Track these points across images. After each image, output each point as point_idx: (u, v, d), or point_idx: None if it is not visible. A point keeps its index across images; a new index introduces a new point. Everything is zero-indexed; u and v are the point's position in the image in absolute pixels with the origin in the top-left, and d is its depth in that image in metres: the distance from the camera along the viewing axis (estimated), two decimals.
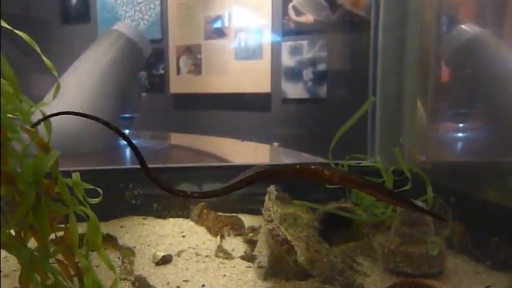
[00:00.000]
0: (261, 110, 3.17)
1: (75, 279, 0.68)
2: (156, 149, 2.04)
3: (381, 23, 1.21)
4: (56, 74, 0.77)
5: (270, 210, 0.88)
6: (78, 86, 1.82)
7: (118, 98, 1.83)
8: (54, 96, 0.76)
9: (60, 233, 0.68)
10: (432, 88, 1.15)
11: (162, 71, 3.36)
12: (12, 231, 0.66)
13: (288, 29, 3.09)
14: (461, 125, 1.25)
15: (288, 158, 2.22)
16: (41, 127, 0.64)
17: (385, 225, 1.02)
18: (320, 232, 0.93)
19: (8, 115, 0.65)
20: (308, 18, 3.07)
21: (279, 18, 3.12)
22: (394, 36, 1.20)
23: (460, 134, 1.28)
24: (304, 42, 3.07)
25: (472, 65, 1.21)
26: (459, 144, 1.34)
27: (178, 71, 3.27)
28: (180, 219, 1.19)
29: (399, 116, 1.19)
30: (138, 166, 0.80)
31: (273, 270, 0.87)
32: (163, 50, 3.44)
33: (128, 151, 2.04)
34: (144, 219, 1.18)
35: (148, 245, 1.01)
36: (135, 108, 2.14)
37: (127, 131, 2.11)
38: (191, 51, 3.30)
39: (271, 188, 0.95)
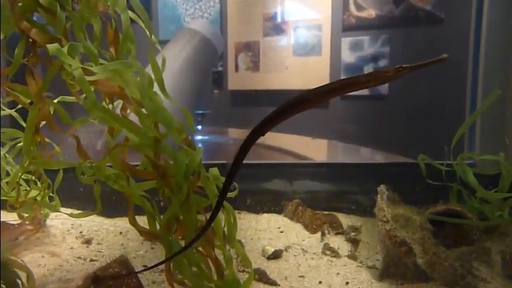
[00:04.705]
0: (320, 107, 3.15)
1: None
2: (229, 144, 2.08)
3: (485, 18, 1.15)
4: (159, 48, 0.80)
5: (384, 211, 0.87)
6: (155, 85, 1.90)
7: (193, 95, 1.89)
8: (162, 69, 0.78)
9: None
10: None
11: (220, 68, 3.42)
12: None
13: (348, 25, 3.04)
14: None
15: (349, 154, 2.19)
16: None
17: (499, 230, 0.97)
18: (432, 234, 0.91)
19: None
20: (370, 12, 2.99)
21: (339, 14, 3.07)
22: (500, 30, 1.13)
23: None
24: (366, 38, 2.99)
25: None
26: None
27: (237, 68, 3.31)
28: (274, 214, 1.21)
29: (505, 114, 1.13)
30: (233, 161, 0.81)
31: (388, 271, 0.86)
32: (223, 47, 3.49)
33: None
34: (238, 213, 1.21)
35: (251, 239, 1.04)
36: (207, 104, 2.19)
37: (199, 127, 2.17)
38: (249, 48, 3.33)
39: (382, 188, 0.93)
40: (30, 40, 0.63)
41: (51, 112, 0.67)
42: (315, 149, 2.33)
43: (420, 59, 0.57)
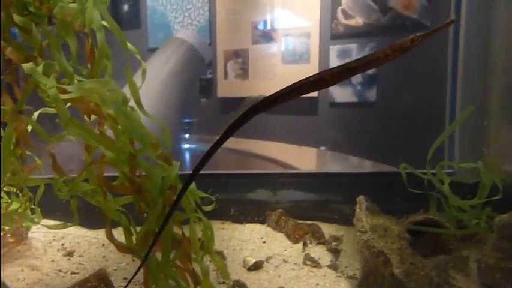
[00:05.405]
0: (308, 114, 3.17)
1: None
2: (218, 152, 2.09)
3: (463, 29, 1.18)
4: (139, 58, 0.81)
5: (362, 221, 0.88)
6: (142, 94, 1.91)
7: (180, 104, 1.90)
8: (143, 80, 0.79)
9: None
10: None
11: (209, 76, 3.42)
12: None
13: (336, 33, 3.08)
14: None
15: (337, 162, 2.21)
16: None
17: (476, 238, 0.99)
18: (410, 244, 0.92)
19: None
20: (357, 21, 3.03)
21: (327, 22, 3.11)
22: (478, 41, 1.16)
23: None
24: (353, 46, 3.04)
25: None
26: None
27: (226, 75, 3.32)
28: (257, 224, 1.22)
29: (483, 124, 1.16)
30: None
31: (366, 281, 0.87)
32: (212, 55, 3.50)
33: (187, 156, 2.10)
34: (222, 223, 1.22)
35: (233, 250, 1.04)
36: (194, 113, 2.20)
37: (187, 136, 2.18)
38: (238, 55, 3.35)
39: (361, 198, 0.95)
40: (6, 58, 0.64)
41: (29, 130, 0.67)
42: (301, 158, 2.35)
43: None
